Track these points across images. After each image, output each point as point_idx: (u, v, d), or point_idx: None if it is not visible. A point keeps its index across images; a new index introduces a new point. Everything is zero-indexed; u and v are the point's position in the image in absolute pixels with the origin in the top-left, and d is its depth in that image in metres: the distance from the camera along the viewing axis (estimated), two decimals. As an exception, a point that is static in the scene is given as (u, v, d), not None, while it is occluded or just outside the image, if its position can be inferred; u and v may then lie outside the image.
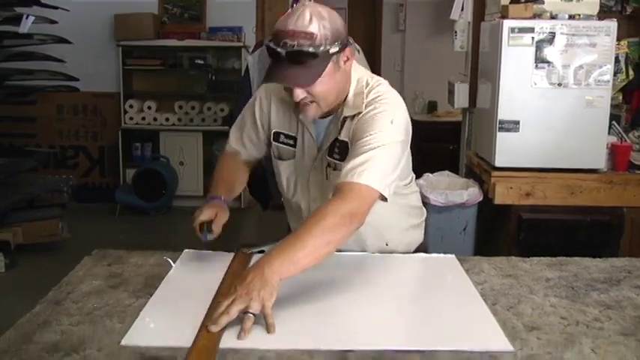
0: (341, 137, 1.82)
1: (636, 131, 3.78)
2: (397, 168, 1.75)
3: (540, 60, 3.34)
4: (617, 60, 3.77)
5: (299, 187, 1.97)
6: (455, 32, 4.33)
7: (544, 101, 3.39)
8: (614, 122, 3.62)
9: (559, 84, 3.36)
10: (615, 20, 3.36)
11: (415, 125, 1.84)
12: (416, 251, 2.09)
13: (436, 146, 5.88)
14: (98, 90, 6.36)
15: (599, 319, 1.52)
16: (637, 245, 3.41)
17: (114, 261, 1.89)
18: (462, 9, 4.23)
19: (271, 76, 1.69)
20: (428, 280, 1.90)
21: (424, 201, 2.19)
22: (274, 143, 1.97)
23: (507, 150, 3.45)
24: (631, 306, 1.61)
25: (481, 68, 3.92)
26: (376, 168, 1.66)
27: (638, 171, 3.49)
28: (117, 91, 6.32)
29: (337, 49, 1.68)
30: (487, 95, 3.64)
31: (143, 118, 6.32)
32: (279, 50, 1.64)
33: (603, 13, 3.56)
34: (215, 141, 6.05)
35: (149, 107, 6.32)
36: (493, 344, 1.37)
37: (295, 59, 1.64)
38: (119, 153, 6.35)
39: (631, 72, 3.97)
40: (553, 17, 3.38)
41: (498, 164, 3.47)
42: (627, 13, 4.14)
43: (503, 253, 2.03)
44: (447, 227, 3.60)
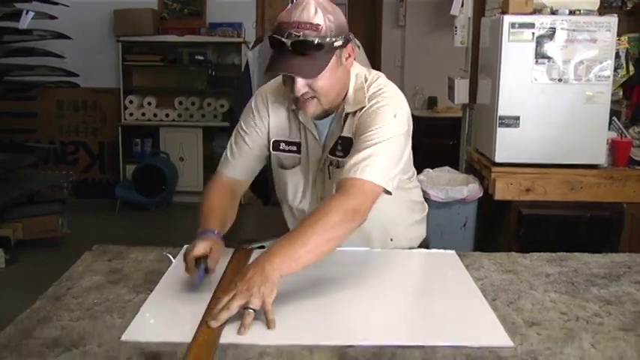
0: (343, 134, 1.81)
1: (636, 127, 3.78)
2: (400, 161, 1.75)
3: (541, 55, 3.34)
4: (617, 55, 3.77)
5: (305, 193, 1.94)
6: (455, 28, 4.33)
7: (544, 97, 3.38)
8: (614, 118, 3.62)
9: (559, 79, 3.36)
10: (616, 16, 3.36)
11: (415, 121, 1.83)
12: (419, 247, 2.08)
13: (436, 142, 5.88)
14: (98, 86, 6.36)
15: (599, 315, 1.52)
16: (637, 241, 3.41)
17: (114, 256, 1.89)
18: (462, 4, 4.23)
19: (274, 66, 1.66)
20: (428, 276, 1.91)
21: (424, 197, 2.19)
22: (274, 153, 1.93)
23: (507, 146, 3.45)
24: (631, 301, 1.61)
25: (481, 64, 3.91)
26: (379, 163, 1.66)
27: (638, 167, 3.49)
28: (117, 87, 6.31)
29: (341, 43, 1.67)
30: (487, 91, 3.64)
31: (143, 114, 6.32)
32: (284, 40, 1.62)
33: (604, 9, 3.55)
34: (215, 137, 6.05)
35: (149, 103, 6.32)
36: (493, 340, 1.37)
37: (300, 50, 1.62)
38: (119, 149, 6.35)
39: (631, 67, 3.97)
40: (553, 13, 3.38)
41: (498, 160, 3.47)
42: (628, 9, 4.13)
43: (503, 249, 2.02)
44: (447, 223, 3.60)
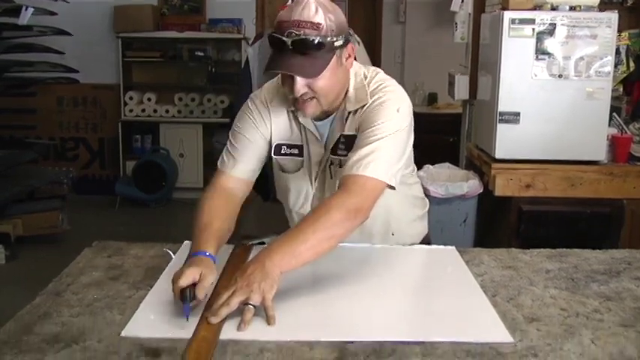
0: (345, 132, 1.79)
1: (637, 123, 3.78)
2: (403, 156, 1.75)
3: (541, 51, 3.34)
4: (617, 52, 3.77)
5: (307, 196, 1.92)
6: (455, 24, 4.32)
7: (544, 93, 3.38)
8: (614, 114, 3.62)
9: (559, 75, 3.35)
10: (616, 12, 3.35)
11: (415, 117, 1.82)
12: (421, 243, 2.08)
13: (436, 138, 5.87)
14: (98, 82, 6.35)
15: (598, 311, 1.52)
16: (637, 237, 3.41)
17: (114, 253, 1.89)
18: (463, 0, 4.22)
19: (274, 66, 1.65)
20: (428, 272, 1.91)
21: (425, 193, 2.19)
22: (275, 157, 1.88)
23: (508, 142, 3.45)
24: (631, 297, 1.61)
25: (481, 60, 3.91)
26: (382, 159, 1.65)
27: (638, 163, 3.49)
28: (117, 83, 6.31)
29: (341, 43, 1.66)
30: (487, 87, 3.63)
31: (143, 110, 6.31)
32: (284, 39, 1.60)
33: (604, 5, 3.55)
34: (215, 133, 6.04)
35: (149, 99, 6.32)
36: (493, 335, 1.37)
37: (300, 49, 1.60)
38: (119, 145, 6.35)
39: (632, 64, 3.96)
40: (554, 8, 3.37)
41: (499, 156, 3.47)
42: (628, 5, 4.14)
43: (503, 245, 2.03)
44: (447, 219, 3.60)
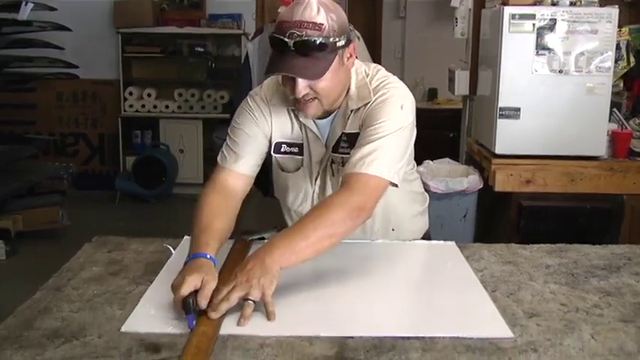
0: (347, 130, 1.78)
1: (637, 118, 3.78)
2: (406, 153, 1.75)
3: (541, 47, 3.34)
4: (618, 47, 3.76)
5: (307, 196, 1.91)
6: (455, 19, 4.32)
7: (545, 88, 3.38)
8: (614, 109, 3.62)
9: (560, 71, 3.35)
10: (617, 7, 3.35)
11: (416, 113, 1.82)
12: (421, 239, 2.08)
13: (436, 134, 5.87)
14: (98, 77, 6.36)
15: (598, 306, 1.52)
16: (637, 232, 3.42)
17: (114, 248, 1.89)
18: (463, -4, 4.22)
19: (276, 67, 1.62)
20: (428, 267, 1.91)
21: (425, 188, 2.19)
22: (275, 155, 1.87)
23: (508, 137, 3.45)
24: (630, 293, 1.61)
25: (482, 55, 3.90)
26: (385, 157, 1.64)
27: (638, 158, 3.49)
28: (116, 79, 6.31)
29: (344, 43, 1.64)
30: (487, 82, 3.63)
31: (143, 106, 6.32)
32: (286, 40, 1.58)
33: (604, 0, 3.54)
34: (215, 128, 6.04)
35: (149, 95, 6.32)
36: (493, 331, 1.37)
37: (302, 50, 1.58)
38: (119, 140, 6.36)
39: (632, 59, 3.96)
40: (554, 4, 3.37)
41: (499, 151, 3.47)
42: (629, 0, 4.12)
43: (503, 241, 2.02)
44: (448, 214, 3.60)
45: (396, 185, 1.68)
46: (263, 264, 1.44)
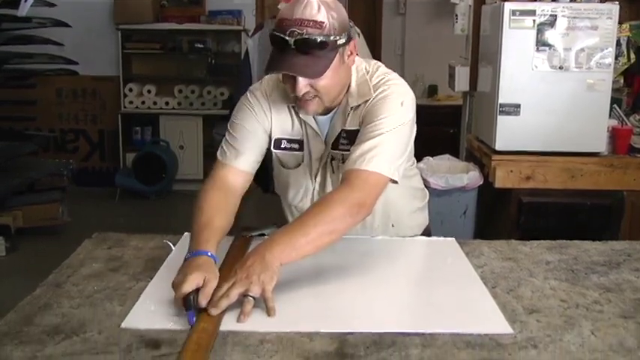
0: (347, 127, 1.78)
1: (637, 115, 3.78)
2: (406, 150, 1.75)
3: (541, 43, 3.33)
4: (618, 43, 3.76)
5: (307, 192, 1.91)
6: (456, 15, 4.32)
7: (545, 84, 3.38)
8: (615, 106, 3.61)
9: (560, 67, 3.35)
10: (617, 3, 3.34)
11: (416, 109, 1.82)
12: (422, 235, 2.08)
13: (436, 130, 5.86)
14: (97, 74, 6.35)
15: (598, 302, 1.52)
16: (637, 228, 3.42)
17: (114, 244, 1.89)
18: (463, -8, 4.21)
19: (277, 66, 1.62)
20: (428, 264, 1.91)
21: (425, 185, 2.19)
22: (275, 151, 1.88)
23: (508, 133, 3.44)
24: (630, 289, 1.61)
25: (482, 51, 3.90)
26: (385, 154, 1.64)
27: (638, 154, 3.49)
28: (116, 75, 6.30)
29: (344, 41, 1.63)
30: (488, 79, 3.63)
31: (143, 102, 6.31)
32: (287, 38, 1.57)
33: (605, -4, 3.54)
34: (215, 125, 6.03)
35: (149, 91, 6.31)
36: (493, 327, 1.37)
37: (303, 49, 1.58)
38: (119, 137, 6.35)
39: (632, 55, 3.95)
40: (554, 0, 3.36)
41: (499, 148, 3.47)
42: (629, -4, 4.12)
43: (503, 237, 2.03)
44: (448, 211, 3.60)
45: (396, 182, 1.69)
46: (263, 260, 1.44)
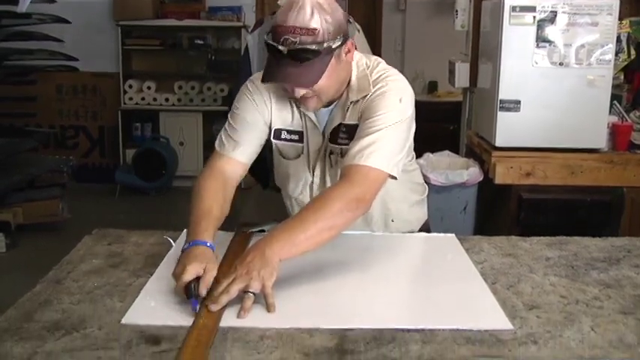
0: (346, 121, 1.79)
1: (637, 111, 3.77)
2: (405, 146, 1.75)
3: (542, 39, 3.33)
4: (618, 39, 3.75)
5: (306, 184, 1.92)
6: (456, 11, 4.31)
7: (545, 81, 3.37)
8: (615, 102, 3.61)
9: (560, 63, 3.34)
10: (617, -1, 3.34)
11: (416, 105, 1.81)
12: (420, 230, 2.09)
13: (436, 126, 5.86)
14: (97, 70, 6.33)
15: (598, 298, 1.53)
16: (637, 225, 3.42)
17: (114, 240, 1.89)
18: (463, -12, 4.21)
19: (272, 76, 1.64)
20: (428, 260, 1.91)
21: (425, 181, 2.19)
22: (275, 142, 1.89)
23: (508, 130, 3.44)
24: (630, 285, 1.61)
25: (482, 48, 3.90)
26: (384, 149, 1.65)
27: (638, 151, 3.49)
28: (116, 71, 6.29)
29: (339, 43, 1.63)
30: (488, 75, 3.63)
31: (143, 99, 6.30)
32: (280, 48, 1.58)
33: (605, -8, 3.53)
34: (215, 121, 6.04)
35: (149, 87, 6.30)
36: (493, 323, 1.37)
37: (297, 57, 1.59)
38: (119, 133, 6.34)
39: (633, 52, 3.95)
40: (555, -4, 3.36)
41: (499, 144, 3.47)
42: (629, -8, 4.11)
43: (503, 233, 2.02)
44: (447, 207, 3.60)
45: (395, 178, 1.69)
46: (263, 256, 1.44)
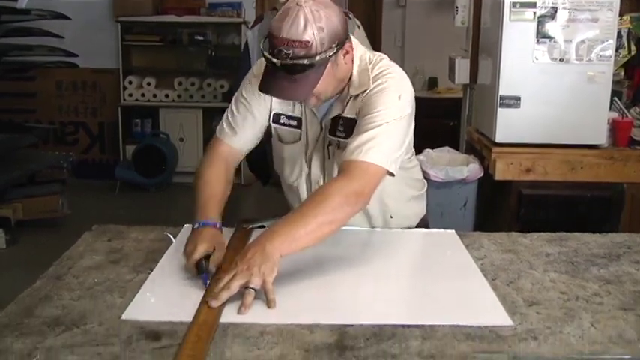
0: (345, 114, 1.79)
1: (637, 107, 3.77)
2: (404, 143, 1.75)
3: (542, 35, 3.32)
4: (619, 35, 3.74)
5: (301, 171, 1.93)
6: (456, 7, 4.30)
7: (545, 77, 3.36)
8: (615, 98, 3.60)
9: (560, 59, 3.34)
10: (618, -5, 3.33)
11: (416, 101, 1.81)
12: (419, 225, 2.09)
13: (436, 122, 5.85)
14: (97, 66, 6.33)
15: (598, 294, 1.53)
16: (637, 221, 3.42)
17: (114, 236, 1.89)
18: (464, -16, 4.20)
19: (268, 89, 1.67)
20: (428, 256, 1.91)
21: (425, 177, 2.19)
22: (273, 125, 1.91)
23: (508, 126, 3.43)
24: (630, 281, 1.62)
25: (482, 44, 3.89)
26: (383, 146, 1.65)
27: (638, 147, 3.48)
28: (116, 67, 6.29)
29: (335, 51, 1.63)
30: (488, 71, 3.62)
31: (143, 95, 6.30)
32: (274, 60, 1.59)
33: (606, -12, 3.53)
34: (215, 117, 6.03)
35: (148, 83, 6.30)
36: (493, 319, 1.38)
37: (290, 70, 1.59)
38: (119, 129, 6.34)
39: (633, 47, 3.94)
40: (555, -8, 3.35)
41: (499, 140, 3.46)
42: (630, -12, 4.11)
43: (503, 229, 2.03)
44: (447, 203, 3.59)
45: (393, 175, 1.69)
46: (263, 251, 1.45)
